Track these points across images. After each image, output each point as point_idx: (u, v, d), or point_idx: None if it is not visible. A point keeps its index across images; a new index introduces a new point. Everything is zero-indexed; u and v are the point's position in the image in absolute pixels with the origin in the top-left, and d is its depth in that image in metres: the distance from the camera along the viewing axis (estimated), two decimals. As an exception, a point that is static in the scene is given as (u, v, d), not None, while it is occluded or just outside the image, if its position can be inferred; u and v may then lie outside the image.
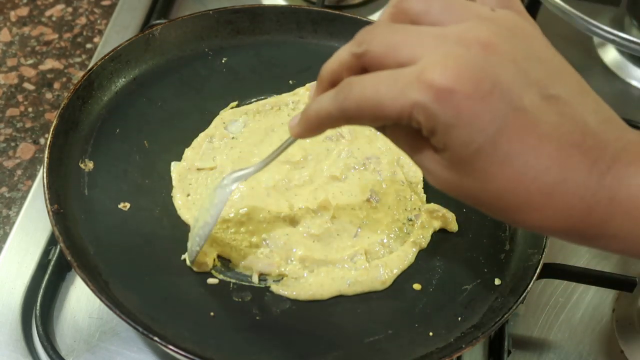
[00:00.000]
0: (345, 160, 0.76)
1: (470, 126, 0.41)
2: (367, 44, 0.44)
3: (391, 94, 0.42)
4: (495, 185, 0.43)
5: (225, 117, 0.79)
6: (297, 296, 0.67)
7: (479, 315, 0.67)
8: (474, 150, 0.41)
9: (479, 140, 0.41)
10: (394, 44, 0.43)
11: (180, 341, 0.61)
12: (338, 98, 0.45)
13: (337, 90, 0.46)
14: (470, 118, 0.40)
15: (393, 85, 0.42)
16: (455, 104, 0.40)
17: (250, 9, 0.86)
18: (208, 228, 0.65)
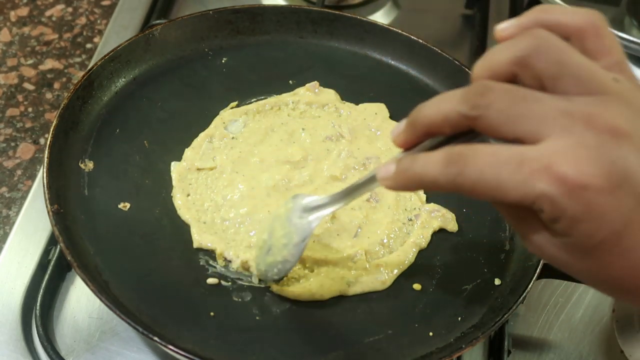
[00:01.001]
0: (345, 160, 0.76)
1: (598, 220, 0.40)
2: (483, 109, 0.41)
3: (514, 182, 0.40)
4: (613, 272, 0.42)
5: (225, 117, 0.79)
6: (297, 296, 0.67)
7: (479, 315, 0.67)
8: (597, 241, 0.40)
9: (605, 233, 0.40)
10: (514, 116, 0.40)
11: (180, 341, 0.61)
12: (450, 171, 0.42)
13: (447, 160, 0.42)
14: (600, 213, 0.39)
15: (517, 171, 0.39)
16: (585, 199, 0.39)
17: (250, 9, 0.86)
18: (289, 265, 0.63)
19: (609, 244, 0.40)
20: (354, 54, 0.87)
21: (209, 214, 0.71)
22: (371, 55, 0.88)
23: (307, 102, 0.81)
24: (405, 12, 1.06)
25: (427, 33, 0.89)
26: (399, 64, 0.87)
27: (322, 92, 0.83)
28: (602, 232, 0.40)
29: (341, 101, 0.83)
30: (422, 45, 0.85)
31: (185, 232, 0.69)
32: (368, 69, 0.86)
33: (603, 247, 0.41)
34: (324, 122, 0.79)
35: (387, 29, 0.87)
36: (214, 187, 0.73)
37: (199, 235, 0.69)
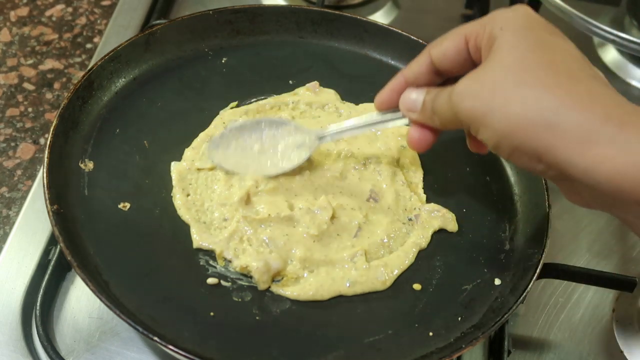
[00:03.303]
0: (345, 160, 0.76)
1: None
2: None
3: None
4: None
5: (225, 117, 0.79)
6: (297, 296, 0.67)
7: (479, 315, 0.67)
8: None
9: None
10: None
11: (180, 341, 0.61)
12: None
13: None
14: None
15: None
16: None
17: (250, 9, 0.86)
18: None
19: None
20: (354, 54, 0.87)
21: (209, 214, 0.71)
22: (371, 55, 0.88)
23: (307, 102, 0.81)
24: (405, 12, 1.06)
25: (427, 33, 0.89)
26: (399, 64, 0.87)
27: (322, 92, 0.83)
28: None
29: (341, 101, 0.83)
30: (422, 45, 0.85)
31: (185, 232, 0.69)
32: (368, 69, 0.86)
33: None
34: (323, 122, 0.79)
35: (387, 29, 0.87)
36: (214, 187, 0.73)
37: (199, 235, 0.69)
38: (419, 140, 0.65)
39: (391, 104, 0.66)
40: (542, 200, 0.73)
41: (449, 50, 0.60)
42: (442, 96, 0.59)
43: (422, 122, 0.64)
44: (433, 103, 0.61)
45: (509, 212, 0.75)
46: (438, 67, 0.62)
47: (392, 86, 0.66)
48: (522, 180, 0.77)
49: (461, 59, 0.60)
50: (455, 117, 0.58)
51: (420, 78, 0.63)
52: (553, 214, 0.72)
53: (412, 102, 0.63)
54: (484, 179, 0.78)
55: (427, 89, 0.63)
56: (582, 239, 0.83)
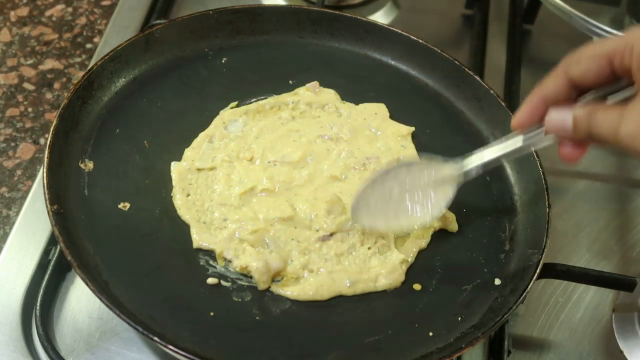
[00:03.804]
0: (345, 160, 0.76)
1: None
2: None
3: None
4: None
5: (225, 117, 0.79)
6: (297, 296, 0.67)
7: (479, 315, 0.67)
8: None
9: None
10: None
11: (180, 341, 0.61)
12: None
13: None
14: None
15: None
16: None
17: (250, 9, 0.86)
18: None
19: None
20: (354, 54, 0.87)
21: (209, 214, 0.71)
22: (371, 55, 0.88)
23: (307, 102, 0.81)
24: (405, 12, 1.06)
25: (427, 33, 0.89)
26: (399, 64, 0.87)
27: (322, 92, 0.83)
28: None
29: (341, 101, 0.83)
30: (422, 45, 0.85)
31: (185, 232, 0.69)
32: (368, 69, 0.86)
33: None
34: (323, 122, 0.79)
35: (387, 29, 0.87)
36: (214, 187, 0.73)
37: (199, 236, 0.69)
38: (572, 154, 0.63)
39: (531, 123, 0.65)
40: (542, 200, 0.73)
41: (590, 71, 0.60)
42: (603, 125, 0.58)
43: (571, 139, 0.62)
44: (590, 125, 0.60)
45: (509, 212, 0.75)
46: (577, 84, 0.62)
47: (529, 106, 0.65)
48: (522, 180, 0.77)
49: (602, 78, 0.60)
50: (620, 147, 0.57)
51: (559, 95, 0.63)
52: (553, 214, 0.72)
53: (561, 122, 0.62)
54: (484, 179, 0.78)
55: (573, 108, 0.61)
56: (582, 239, 0.83)
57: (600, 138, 0.59)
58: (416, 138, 0.80)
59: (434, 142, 0.80)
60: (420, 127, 0.80)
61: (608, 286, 0.74)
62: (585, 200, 0.87)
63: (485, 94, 0.82)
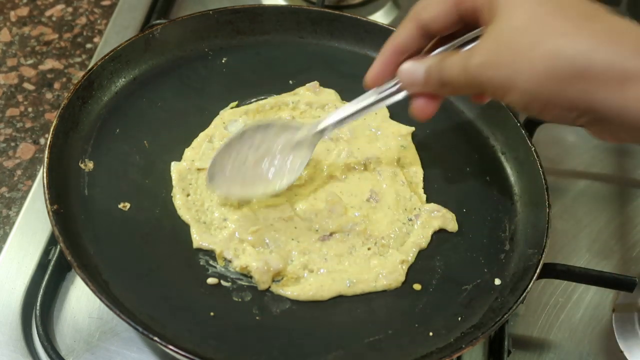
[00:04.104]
0: (345, 160, 0.76)
1: None
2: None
3: None
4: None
5: (225, 117, 0.79)
6: (297, 296, 0.67)
7: (479, 315, 0.67)
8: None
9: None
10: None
11: (180, 341, 0.61)
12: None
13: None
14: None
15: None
16: None
17: (250, 9, 0.86)
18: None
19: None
20: (354, 54, 0.87)
21: (209, 214, 0.71)
22: (371, 55, 0.87)
23: (307, 102, 0.81)
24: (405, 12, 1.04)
25: (427, 33, 0.89)
26: (399, 64, 0.87)
27: (322, 92, 0.83)
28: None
29: (341, 101, 0.83)
30: (422, 45, 0.85)
31: (185, 232, 0.69)
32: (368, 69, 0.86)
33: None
34: (324, 122, 0.79)
35: (387, 29, 0.87)
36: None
37: (199, 236, 0.69)
38: (424, 109, 0.63)
39: (384, 78, 0.65)
40: (542, 200, 0.73)
41: (439, 15, 0.60)
42: (453, 67, 0.58)
43: (427, 92, 0.62)
44: (440, 73, 0.59)
45: (509, 212, 0.75)
46: (427, 30, 0.61)
47: (382, 59, 0.65)
48: (522, 180, 0.77)
49: (452, 21, 0.60)
50: (475, 87, 0.57)
51: (411, 44, 0.63)
52: (553, 214, 0.72)
53: (413, 74, 0.62)
54: (484, 179, 0.78)
55: (425, 59, 0.61)
56: (582, 239, 0.83)
57: (452, 81, 0.58)
58: (416, 138, 0.80)
59: (434, 142, 0.80)
60: (420, 127, 0.80)
61: (608, 286, 0.74)
62: (585, 200, 0.87)
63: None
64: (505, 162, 0.79)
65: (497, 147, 0.80)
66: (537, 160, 0.75)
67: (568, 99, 0.51)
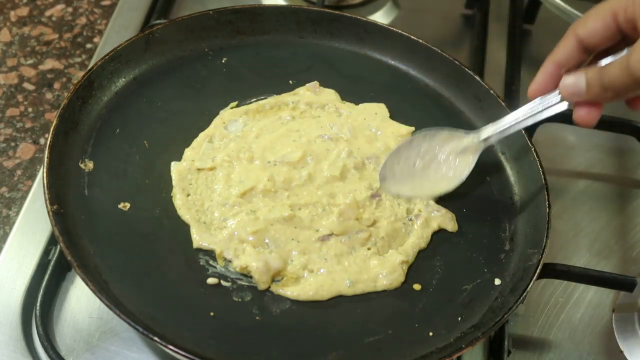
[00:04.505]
0: (345, 160, 0.76)
1: None
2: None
3: None
4: None
5: (225, 117, 0.79)
6: (297, 296, 0.67)
7: (479, 315, 0.67)
8: None
9: None
10: None
11: (180, 341, 0.61)
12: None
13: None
14: None
15: None
16: None
17: (250, 9, 0.86)
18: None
19: None
20: (354, 54, 0.87)
21: (209, 214, 0.71)
22: (371, 55, 0.88)
23: (307, 102, 0.81)
24: (405, 12, 1.06)
25: (427, 33, 0.89)
26: (399, 64, 0.87)
27: (322, 92, 0.83)
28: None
29: (341, 101, 0.83)
30: (422, 45, 0.85)
31: (185, 232, 0.69)
32: (368, 69, 0.86)
33: None
34: (323, 122, 0.79)
35: (387, 29, 0.87)
36: (214, 187, 0.73)
37: (199, 236, 0.69)
38: (588, 116, 0.65)
39: (546, 90, 0.68)
40: (542, 200, 0.73)
41: (597, 29, 0.62)
42: (614, 70, 0.61)
43: (586, 101, 0.65)
44: (601, 80, 0.62)
45: (509, 212, 0.75)
46: (586, 44, 0.64)
47: (544, 73, 0.67)
48: (522, 180, 0.77)
49: (610, 34, 0.62)
50: (632, 82, 0.59)
51: (571, 59, 0.65)
52: (553, 214, 0.72)
53: (575, 85, 0.64)
54: (484, 179, 0.78)
55: (584, 70, 0.64)
56: (582, 239, 0.83)
57: (614, 83, 0.61)
58: (416, 138, 0.80)
59: (434, 142, 0.80)
60: (420, 127, 0.80)
61: (608, 286, 0.74)
62: (585, 200, 0.87)
63: (485, 94, 0.82)
64: (505, 162, 0.79)
65: (497, 147, 0.80)
66: (537, 160, 0.75)
67: None
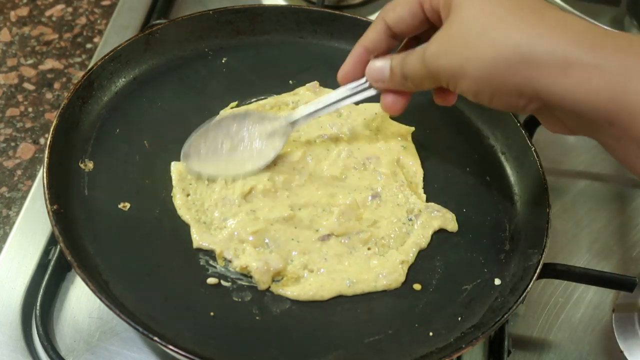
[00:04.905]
0: (345, 160, 0.76)
1: None
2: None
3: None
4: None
5: (225, 117, 0.79)
6: (297, 296, 0.67)
7: (479, 315, 0.67)
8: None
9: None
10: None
11: (180, 341, 0.61)
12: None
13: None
14: None
15: None
16: None
17: (250, 9, 0.86)
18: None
19: None
20: (354, 54, 0.87)
21: (209, 214, 0.71)
22: (371, 55, 0.87)
23: (307, 102, 0.81)
24: (405, 12, 1.06)
25: (427, 33, 0.89)
26: (399, 64, 0.87)
27: (322, 92, 0.83)
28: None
29: (341, 101, 0.83)
30: (422, 45, 0.85)
31: (185, 232, 0.69)
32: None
33: None
34: (323, 122, 0.79)
35: (387, 29, 0.86)
36: (214, 187, 0.73)
37: (199, 236, 0.69)
38: (393, 104, 0.67)
39: (355, 76, 0.69)
40: (542, 200, 0.73)
41: (404, 16, 0.63)
42: (412, 60, 0.61)
43: (392, 88, 0.66)
44: (402, 69, 0.63)
45: (509, 212, 0.75)
46: (395, 31, 0.64)
47: (353, 58, 0.68)
48: (522, 180, 0.77)
49: (417, 22, 0.63)
50: (431, 77, 0.60)
51: (379, 44, 0.66)
52: (553, 214, 0.72)
53: (379, 71, 0.65)
54: (484, 179, 0.78)
55: (390, 57, 0.65)
56: (582, 239, 0.83)
57: (413, 74, 0.62)
58: (416, 138, 0.80)
59: (434, 142, 0.80)
60: (420, 127, 0.80)
61: (608, 286, 0.74)
62: (585, 200, 0.87)
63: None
64: (505, 162, 0.79)
65: (497, 147, 0.81)
66: (537, 160, 0.75)
67: (515, 85, 0.54)
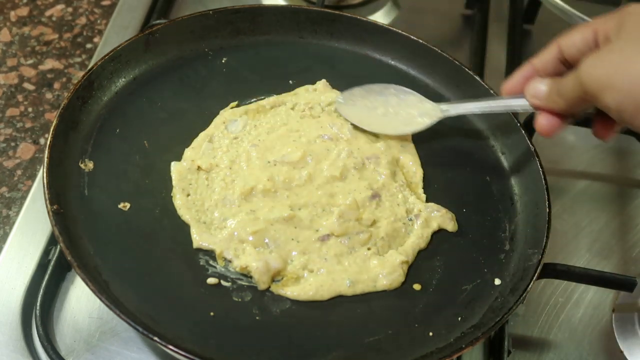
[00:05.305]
0: (345, 160, 0.76)
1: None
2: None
3: None
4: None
5: (225, 117, 0.79)
6: (297, 296, 0.67)
7: (479, 315, 0.67)
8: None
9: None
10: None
11: (180, 341, 0.61)
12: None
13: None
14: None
15: None
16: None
17: (250, 9, 0.86)
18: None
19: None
20: (354, 54, 0.87)
21: (209, 214, 0.71)
22: (371, 55, 0.88)
23: (307, 102, 0.81)
24: (405, 12, 1.06)
25: (427, 33, 0.89)
26: (399, 64, 0.87)
27: (324, 92, 0.83)
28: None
29: (341, 101, 0.83)
30: (422, 45, 0.85)
31: (185, 232, 0.69)
32: (368, 69, 0.86)
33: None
34: (323, 122, 0.79)
35: (387, 29, 0.87)
36: (214, 187, 0.73)
37: (199, 236, 0.69)
38: (546, 125, 0.68)
39: (518, 90, 0.70)
40: (542, 200, 0.73)
41: (577, 41, 0.65)
42: (569, 76, 0.63)
43: (544, 107, 0.67)
44: (558, 85, 0.65)
45: (509, 212, 0.75)
46: (565, 55, 0.66)
47: (521, 73, 0.70)
48: (522, 180, 0.77)
49: (587, 49, 0.65)
50: (581, 88, 0.61)
51: (548, 66, 0.68)
52: (553, 214, 0.72)
53: (538, 89, 0.67)
54: (484, 179, 0.78)
55: (552, 79, 0.67)
56: (582, 239, 0.83)
57: (566, 92, 0.64)
58: (416, 138, 0.80)
59: (434, 142, 0.80)
60: (420, 127, 0.80)
61: (608, 286, 0.74)
62: (585, 200, 0.87)
63: (485, 93, 0.82)
64: (505, 162, 0.79)
65: (497, 147, 0.81)
66: (537, 160, 0.75)
67: None
